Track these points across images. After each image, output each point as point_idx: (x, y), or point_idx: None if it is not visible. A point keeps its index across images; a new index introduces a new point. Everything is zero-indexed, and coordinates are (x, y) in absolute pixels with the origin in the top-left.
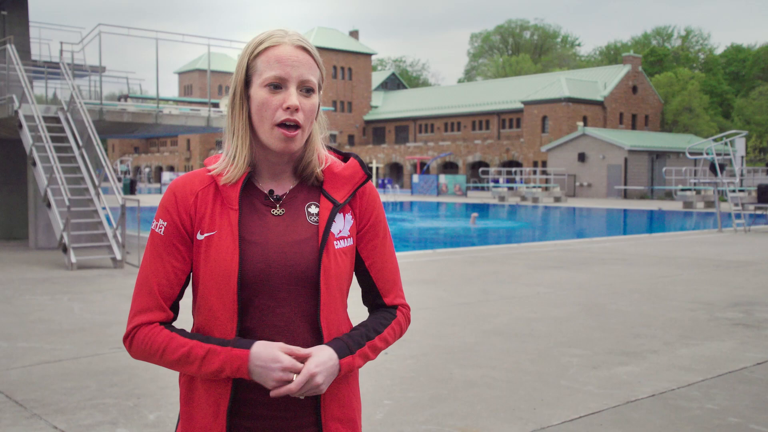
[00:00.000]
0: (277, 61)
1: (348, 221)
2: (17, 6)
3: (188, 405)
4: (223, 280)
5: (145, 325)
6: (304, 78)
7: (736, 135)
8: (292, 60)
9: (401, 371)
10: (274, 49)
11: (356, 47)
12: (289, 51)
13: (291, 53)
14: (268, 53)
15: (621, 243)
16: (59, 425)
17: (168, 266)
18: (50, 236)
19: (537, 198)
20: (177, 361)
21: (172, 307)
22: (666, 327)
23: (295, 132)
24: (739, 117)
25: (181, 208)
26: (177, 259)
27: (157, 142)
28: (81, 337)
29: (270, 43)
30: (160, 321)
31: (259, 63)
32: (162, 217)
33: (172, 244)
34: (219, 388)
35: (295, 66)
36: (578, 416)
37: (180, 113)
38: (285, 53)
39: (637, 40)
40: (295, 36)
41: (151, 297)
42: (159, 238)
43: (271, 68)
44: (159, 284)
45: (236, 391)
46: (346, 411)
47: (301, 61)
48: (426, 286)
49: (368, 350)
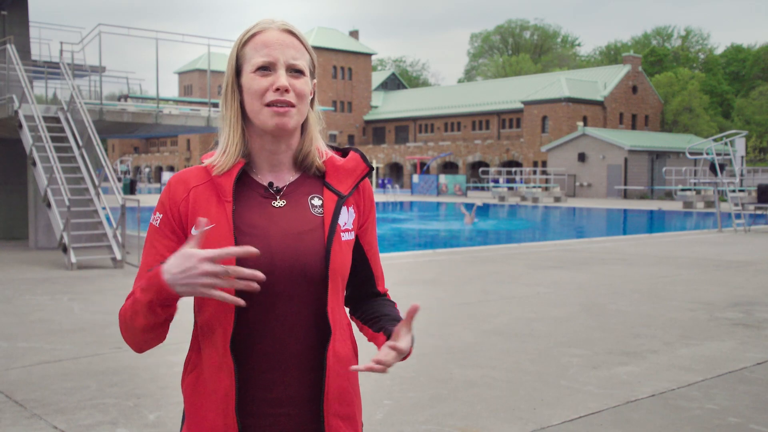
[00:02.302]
0: (264, 46)
1: (351, 215)
2: (17, 6)
3: (194, 405)
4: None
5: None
6: (292, 60)
7: (736, 135)
8: (279, 43)
9: (401, 371)
10: (260, 35)
11: (356, 47)
12: (275, 35)
13: (277, 36)
14: (255, 39)
15: (621, 243)
16: (59, 425)
17: (158, 256)
18: (50, 236)
19: (537, 198)
20: (132, 316)
21: None
22: (666, 327)
23: (288, 109)
24: (739, 117)
25: (174, 202)
26: (169, 249)
27: (157, 142)
28: (81, 337)
29: (256, 30)
30: None
31: (247, 50)
32: (159, 209)
33: (165, 235)
34: (224, 387)
35: (282, 49)
36: (578, 416)
37: (180, 113)
38: (271, 37)
39: (637, 40)
40: (281, 22)
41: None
42: (154, 230)
43: (259, 53)
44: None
45: (240, 389)
46: (348, 408)
47: (288, 44)
48: (426, 286)
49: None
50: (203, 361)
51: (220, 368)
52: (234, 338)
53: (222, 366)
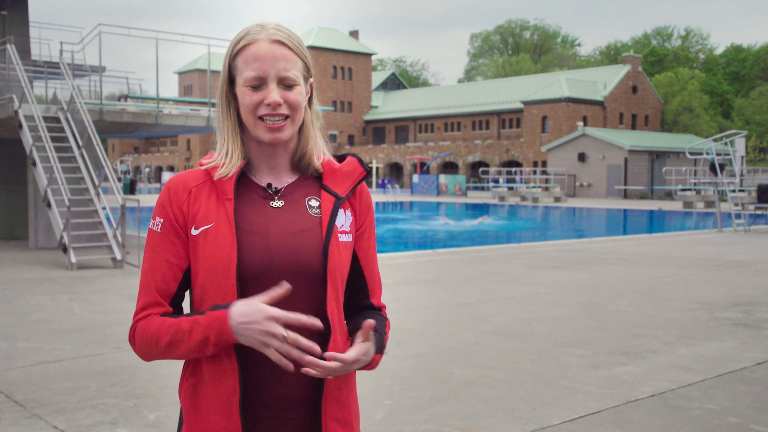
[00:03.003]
0: (254, 60)
1: (348, 217)
2: (17, 6)
3: (194, 408)
4: (222, 272)
5: (142, 320)
6: (283, 74)
7: (736, 135)
8: (269, 57)
9: (401, 371)
10: (250, 47)
11: (356, 47)
12: (265, 48)
13: (267, 50)
14: (246, 52)
15: (621, 243)
16: (59, 425)
17: (164, 262)
18: (50, 236)
19: (537, 198)
20: (171, 343)
21: (171, 303)
22: (666, 327)
23: (282, 123)
24: (739, 117)
25: (175, 204)
26: (173, 254)
27: (157, 142)
28: (81, 337)
29: (246, 41)
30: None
31: (239, 62)
32: (158, 214)
33: (168, 240)
34: (227, 389)
35: (273, 62)
36: (578, 416)
37: (180, 113)
38: (261, 51)
39: (637, 40)
40: (272, 29)
41: (150, 294)
42: (156, 235)
43: (249, 68)
44: (155, 281)
45: (243, 391)
46: (345, 412)
47: (278, 57)
48: (426, 286)
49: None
50: (204, 363)
51: (224, 370)
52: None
53: (226, 368)
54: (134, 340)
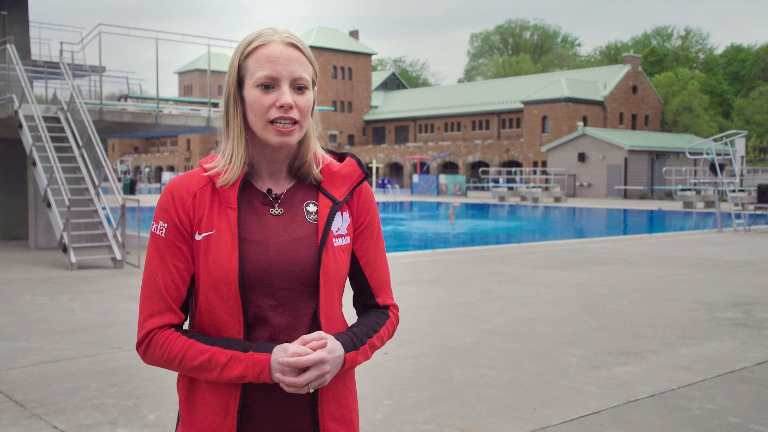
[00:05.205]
0: (267, 60)
1: (345, 219)
2: (17, 6)
3: (190, 407)
4: (223, 280)
5: (158, 329)
6: (296, 76)
7: (736, 135)
8: (283, 58)
9: (401, 371)
10: (263, 48)
11: (356, 47)
12: (279, 49)
13: (281, 51)
14: (258, 52)
15: (621, 243)
16: (59, 425)
17: (173, 268)
18: (50, 236)
19: (537, 198)
20: (197, 367)
21: (182, 308)
22: (666, 327)
23: (292, 128)
24: (739, 117)
25: (180, 208)
26: (180, 259)
27: (157, 142)
28: (81, 337)
29: (259, 42)
30: (172, 324)
31: (249, 63)
32: (161, 218)
33: (174, 245)
34: (227, 388)
35: (286, 64)
36: (578, 416)
37: (180, 113)
38: (275, 52)
39: (637, 40)
40: (284, 33)
41: (161, 300)
42: (161, 240)
43: (262, 68)
44: (166, 286)
45: (243, 391)
46: (344, 410)
47: (292, 59)
48: (426, 286)
49: (368, 348)
50: None
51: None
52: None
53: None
54: (147, 349)
